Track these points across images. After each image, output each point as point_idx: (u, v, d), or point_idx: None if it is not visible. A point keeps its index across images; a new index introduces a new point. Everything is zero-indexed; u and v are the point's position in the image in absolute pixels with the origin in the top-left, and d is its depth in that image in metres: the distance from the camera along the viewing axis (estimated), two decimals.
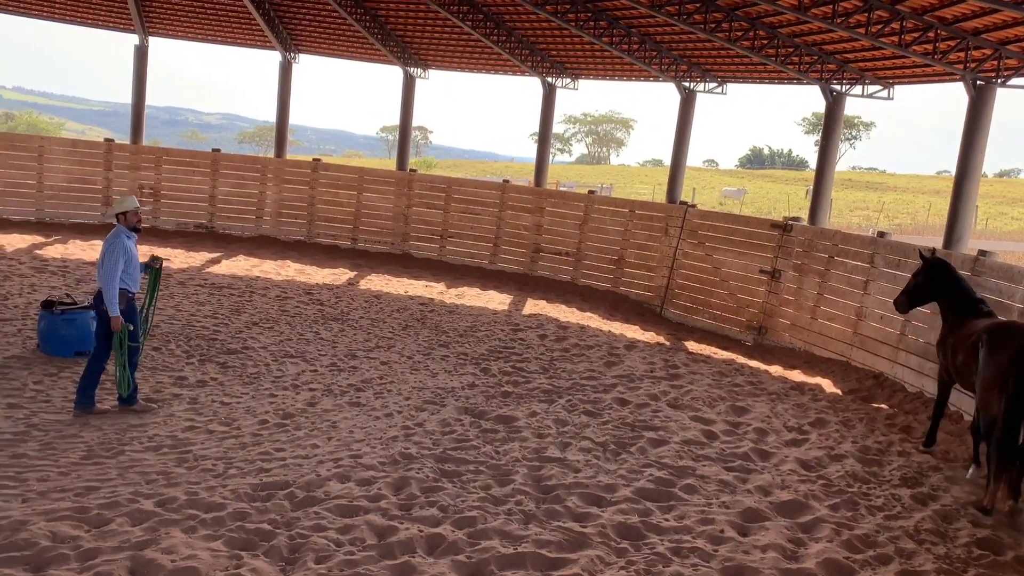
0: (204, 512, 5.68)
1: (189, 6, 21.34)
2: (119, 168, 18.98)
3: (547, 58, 20.68)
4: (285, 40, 21.75)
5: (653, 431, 8.34)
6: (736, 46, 16.19)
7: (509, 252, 18.41)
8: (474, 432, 7.92)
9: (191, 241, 18.09)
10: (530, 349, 11.74)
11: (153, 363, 9.43)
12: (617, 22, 18.00)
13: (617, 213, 17.12)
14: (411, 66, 21.96)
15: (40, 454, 6.57)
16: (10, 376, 8.46)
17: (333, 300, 13.87)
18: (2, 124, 64.47)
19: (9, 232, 16.71)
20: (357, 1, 20.28)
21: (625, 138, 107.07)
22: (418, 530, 5.67)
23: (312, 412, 8.26)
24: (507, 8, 19.14)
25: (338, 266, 17.18)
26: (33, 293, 11.96)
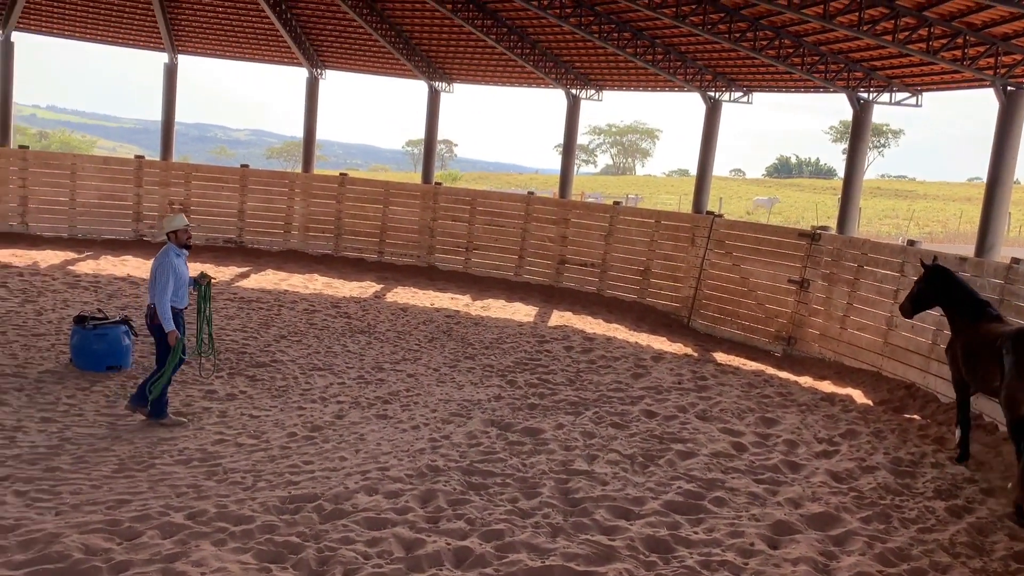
0: (233, 525, 5.72)
1: (217, 25, 21.66)
2: (149, 184, 19.26)
3: (571, 70, 20.72)
4: (312, 56, 21.99)
5: (681, 443, 8.28)
6: (761, 55, 16.13)
7: (534, 264, 18.42)
8: (501, 444, 7.91)
9: (220, 256, 18.28)
10: (556, 361, 11.72)
11: (183, 376, 9.53)
12: (641, 33, 18.00)
13: (643, 224, 17.07)
14: (436, 80, 22.10)
15: (73, 468, 6.65)
16: (44, 390, 8.58)
17: (360, 313, 13.94)
18: (36, 143, 65.68)
19: (43, 248, 17.01)
20: (382, 17, 20.47)
21: (650, 148, 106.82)
22: (446, 543, 5.67)
23: (340, 425, 8.30)
24: (531, 21, 19.22)
25: (365, 279, 17.28)
26: (66, 308, 12.15)
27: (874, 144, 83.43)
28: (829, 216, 38.46)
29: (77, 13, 20.97)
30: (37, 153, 19.82)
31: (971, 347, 8.21)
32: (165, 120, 22.28)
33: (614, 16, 17.67)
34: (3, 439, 7.12)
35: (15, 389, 8.50)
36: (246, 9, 20.85)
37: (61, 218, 18.71)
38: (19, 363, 9.43)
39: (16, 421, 7.59)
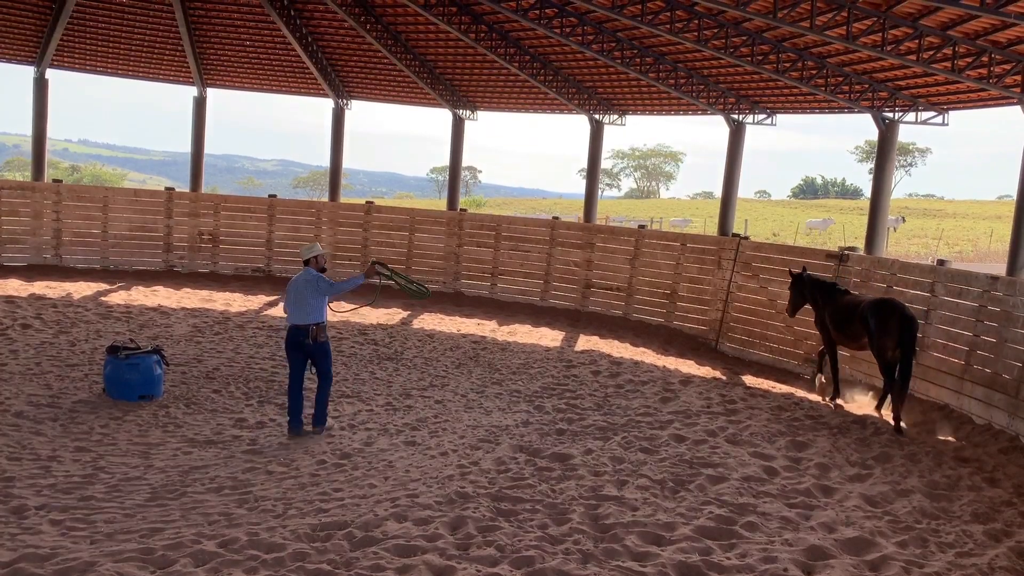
0: (265, 553, 5.75)
1: (245, 58, 22.05)
2: (179, 215, 19.56)
3: (594, 95, 20.83)
4: (337, 87, 22.30)
5: (712, 468, 8.21)
6: (784, 77, 16.12)
7: (560, 288, 18.42)
8: (530, 470, 7.89)
9: (249, 285, 18.49)
10: (584, 386, 11.69)
11: (214, 405, 9.62)
12: (663, 58, 18.08)
13: (668, 247, 17.05)
14: (460, 108, 22.30)
15: (107, 496, 6.73)
16: (78, 420, 8.70)
17: (387, 340, 14.01)
18: (69, 176, 66.96)
19: (76, 280, 17.30)
20: (407, 47, 20.73)
21: (674, 171, 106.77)
22: (476, 570, 5.65)
23: (368, 452, 8.32)
24: (553, 48, 19.38)
25: (391, 306, 17.37)
26: (99, 339, 12.33)
27: (901, 163, 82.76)
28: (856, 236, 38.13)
29: (109, 49, 21.45)
30: (70, 186, 20.23)
31: (839, 315, 11.44)
32: (194, 152, 22.62)
33: (636, 41, 17.76)
34: (39, 468, 7.22)
35: (50, 419, 8.63)
36: (273, 42, 21.22)
37: (94, 250, 19.04)
38: (54, 393, 9.57)
39: (51, 451, 7.70)
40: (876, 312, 10.64)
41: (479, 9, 18.55)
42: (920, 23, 12.97)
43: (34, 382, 9.95)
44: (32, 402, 9.16)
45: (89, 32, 20.58)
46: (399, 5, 19.10)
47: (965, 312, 11.16)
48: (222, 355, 12.06)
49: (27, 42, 20.41)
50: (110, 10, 19.85)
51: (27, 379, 10.04)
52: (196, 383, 10.49)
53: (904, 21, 13.04)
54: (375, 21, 19.98)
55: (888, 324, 10.49)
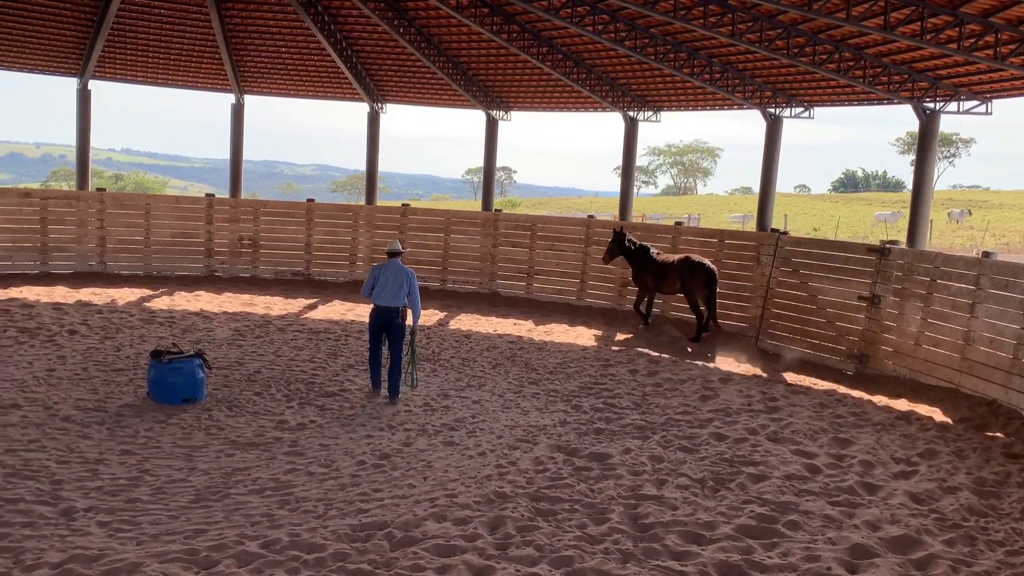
0: (306, 553, 5.81)
1: (281, 65, 22.33)
2: (220, 221, 19.86)
3: (628, 92, 20.74)
4: (372, 91, 22.48)
5: (753, 466, 8.13)
6: (821, 69, 15.90)
7: (596, 287, 18.36)
8: (568, 470, 7.87)
9: (288, 288, 18.71)
10: (621, 384, 11.64)
11: (255, 408, 9.75)
12: (697, 53, 17.93)
13: (706, 243, 16.90)
14: (493, 109, 22.34)
15: (152, 498, 6.85)
16: (123, 423, 8.87)
17: (424, 341, 14.08)
18: (112, 185, 68.32)
19: (120, 286, 17.65)
20: (440, 50, 20.83)
21: (711, 167, 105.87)
22: (515, 570, 5.66)
23: (407, 452, 8.37)
24: (586, 47, 19.33)
25: (428, 307, 17.43)
26: (143, 344, 12.56)
27: (944, 154, 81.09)
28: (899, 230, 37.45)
29: (148, 59, 21.86)
30: (113, 195, 20.63)
31: (657, 272, 15.39)
32: (233, 158, 22.97)
33: (670, 37, 17.63)
34: (86, 471, 7.38)
35: (96, 423, 8.82)
36: (308, 49, 21.46)
37: (137, 256, 19.41)
38: (100, 397, 9.77)
39: (98, 454, 7.86)
40: (689, 269, 14.90)
41: (511, 9, 18.57)
42: (960, 11, 12.71)
43: (81, 387, 10.17)
44: (79, 406, 9.36)
45: (129, 43, 21.00)
46: (432, 8, 19.20)
47: (1012, 305, 10.91)
48: (263, 358, 12.22)
49: (70, 55, 20.88)
50: (149, 21, 20.24)
51: (74, 384, 10.27)
52: (238, 386, 10.63)
53: (944, 9, 12.78)
54: (408, 24, 20.10)
55: (698, 276, 14.83)
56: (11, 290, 16.23)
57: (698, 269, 14.83)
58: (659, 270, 15.39)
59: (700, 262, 14.90)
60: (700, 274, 14.81)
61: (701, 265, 14.84)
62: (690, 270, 14.84)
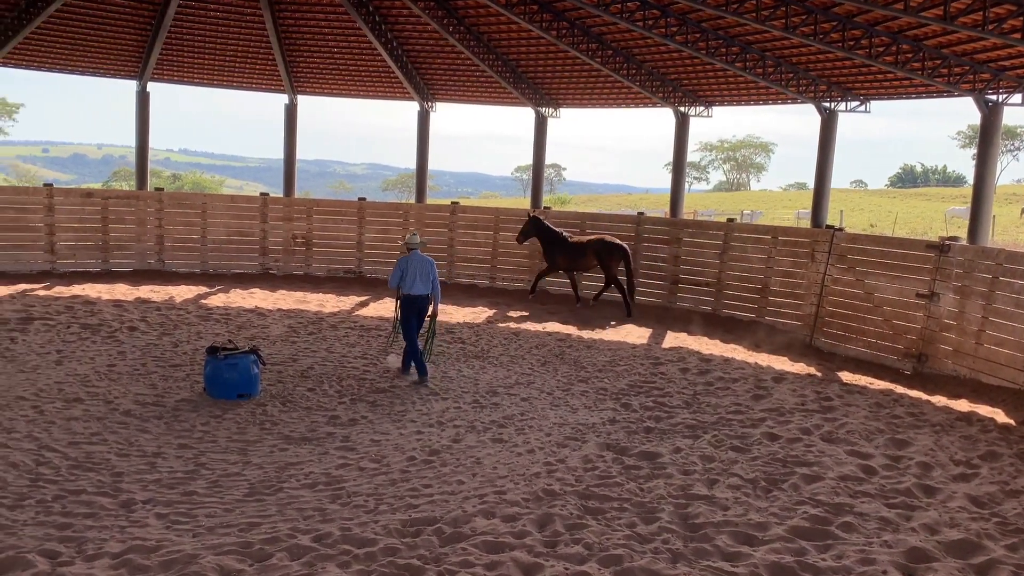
0: (357, 547, 5.88)
1: (333, 65, 22.62)
2: (274, 220, 20.20)
3: (679, 87, 20.53)
4: (422, 90, 22.63)
5: (806, 467, 7.99)
6: (878, 62, 15.54)
7: (646, 284, 18.23)
8: (617, 469, 7.84)
9: (341, 286, 18.95)
10: (672, 383, 11.53)
11: (308, 403, 9.90)
12: (750, 47, 17.67)
13: (759, 240, 16.67)
14: (542, 106, 22.32)
15: (208, 491, 7.00)
16: (180, 418, 9.08)
17: (474, 338, 14.14)
18: (170, 184, 69.90)
19: (178, 284, 18.06)
20: (489, 48, 20.87)
21: (765, 162, 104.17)
22: (564, 568, 5.65)
23: (457, 448, 8.42)
24: (636, 42, 19.19)
25: (477, 305, 17.52)
26: (199, 340, 12.84)
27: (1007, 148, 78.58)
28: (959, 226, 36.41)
29: (205, 61, 22.34)
30: (171, 194, 21.12)
31: (571, 252, 17.17)
32: (287, 158, 23.34)
33: (721, 31, 17.41)
34: (145, 464, 7.57)
35: (155, 417, 9.04)
36: (360, 49, 21.70)
37: (194, 254, 19.85)
38: (158, 392, 10.02)
39: (156, 447, 8.06)
40: (605, 248, 16.89)
41: (560, 6, 18.52)
42: None
43: (140, 382, 10.44)
44: (139, 401, 9.61)
45: (186, 46, 21.47)
46: (481, 6, 19.25)
47: None
48: (316, 354, 12.40)
49: (130, 58, 21.43)
50: (205, 24, 20.66)
51: (134, 379, 10.55)
52: (291, 382, 10.81)
53: None
54: (458, 23, 20.19)
55: (614, 255, 16.88)
56: (74, 287, 16.73)
57: (614, 249, 16.85)
58: (574, 251, 17.21)
59: (614, 242, 16.95)
60: (616, 253, 16.84)
61: (616, 245, 16.89)
62: (606, 250, 16.87)
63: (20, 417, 8.71)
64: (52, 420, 8.69)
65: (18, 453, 7.62)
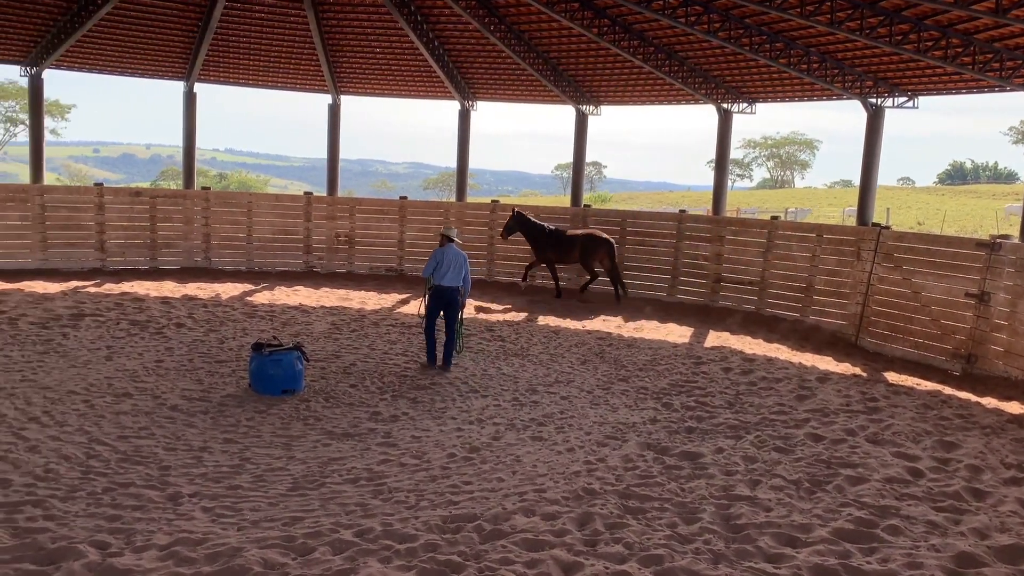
0: (398, 543, 5.93)
1: (376, 65, 22.78)
2: (318, 218, 20.44)
3: (721, 84, 20.32)
4: (463, 89, 22.69)
5: (851, 468, 7.87)
6: (926, 57, 15.21)
7: (688, 283, 18.10)
8: (658, 468, 7.80)
9: (382, 284, 19.10)
10: (714, 383, 11.44)
11: (350, 399, 10.00)
12: (794, 42, 17.42)
13: (804, 238, 16.44)
14: (583, 104, 22.25)
15: (252, 486, 7.11)
16: (226, 413, 9.24)
17: (513, 336, 14.15)
18: (217, 184, 71.06)
19: (224, 281, 18.36)
20: (530, 46, 20.86)
21: (809, 159, 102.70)
22: (604, 567, 5.64)
23: (496, 446, 8.44)
24: (678, 39, 19.03)
25: (517, 302, 17.53)
26: (245, 336, 13.04)
27: None
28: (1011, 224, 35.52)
29: (250, 62, 22.65)
30: (217, 193, 21.47)
31: (562, 245, 17.92)
32: (330, 157, 23.56)
33: (765, 27, 17.19)
34: (191, 458, 7.72)
35: (201, 412, 9.21)
36: (402, 49, 21.83)
37: (240, 252, 20.16)
38: (204, 388, 10.20)
39: (203, 442, 8.21)
40: (591, 241, 17.83)
41: (601, 3, 18.45)
42: None
43: (187, 377, 10.64)
44: (185, 396, 9.80)
45: (232, 47, 21.79)
46: (522, 4, 19.24)
47: None
48: (358, 351, 12.52)
49: (177, 59, 21.82)
50: (250, 25, 20.95)
51: (181, 375, 10.75)
52: (334, 378, 10.93)
53: None
54: (499, 22, 20.21)
55: (600, 248, 17.78)
56: (123, 284, 17.10)
57: (601, 242, 17.79)
58: (562, 244, 18.04)
59: (602, 236, 17.89)
60: (603, 246, 17.77)
61: (603, 239, 17.83)
62: (593, 243, 17.77)
63: (72, 411, 8.94)
64: (102, 414, 8.90)
65: (70, 446, 7.82)
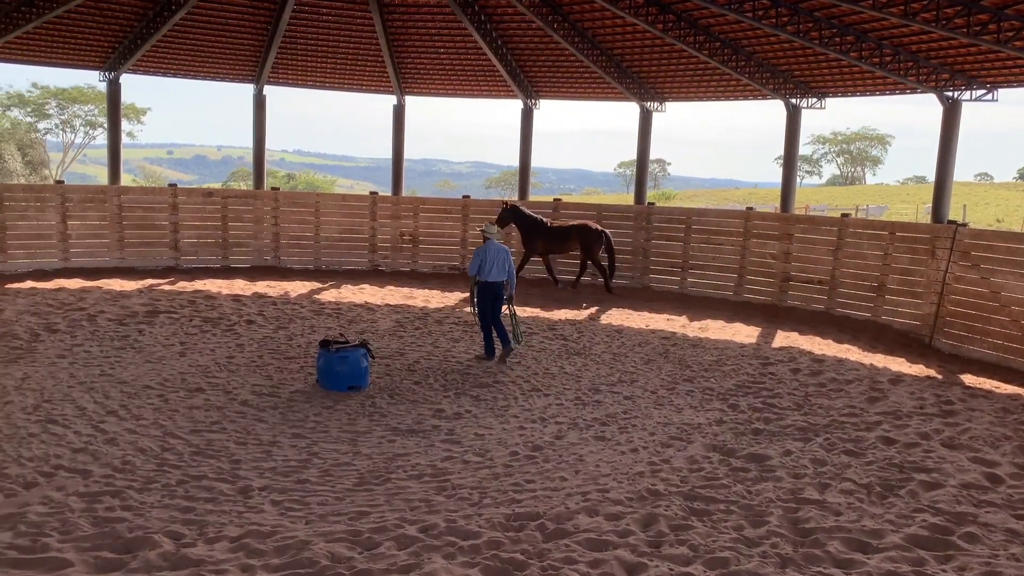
0: (462, 539, 5.97)
1: (440, 65, 22.96)
2: (383, 218, 20.71)
3: (790, 78, 19.91)
4: (526, 88, 22.71)
5: (925, 473, 7.64)
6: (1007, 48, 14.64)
7: (755, 282, 17.79)
8: (724, 470, 7.68)
9: (445, 282, 19.25)
10: (782, 384, 11.22)
11: (415, 396, 10.11)
12: (865, 35, 16.96)
13: (876, 236, 16.01)
14: (647, 100, 22.04)
15: (320, 480, 7.24)
16: (295, 409, 9.43)
17: (575, 335, 14.11)
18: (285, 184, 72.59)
19: (292, 279, 18.75)
20: (594, 43, 20.77)
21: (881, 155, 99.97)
22: (668, 568, 5.59)
23: (559, 445, 8.43)
24: (745, 33, 18.71)
25: (579, 301, 17.47)
26: (312, 333, 13.29)
27: None
28: None
29: (317, 65, 23.06)
30: (286, 193, 21.92)
31: (556, 237, 18.27)
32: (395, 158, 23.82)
33: (835, 20, 16.77)
34: (261, 453, 7.90)
35: (271, 407, 9.42)
36: (465, 49, 21.96)
37: (307, 251, 20.56)
38: (274, 384, 10.43)
39: (272, 436, 8.40)
40: (588, 232, 18.09)
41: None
42: None
43: (257, 373, 10.89)
44: (256, 391, 10.03)
45: (300, 49, 22.21)
46: (586, 1, 19.17)
47: None
48: (422, 349, 12.64)
49: (247, 62, 22.34)
50: (317, 28, 21.33)
51: (251, 370, 11.01)
52: (399, 375, 11.06)
53: None
54: (562, 20, 20.17)
55: (598, 240, 18.06)
56: (196, 282, 17.60)
57: (598, 234, 18.14)
58: (555, 236, 18.37)
59: (597, 228, 18.21)
60: (600, 237, 18.17)
61: (599, 231, 18.15)
62: (588, 235, 18.11)
63: (147, 405, 9.24)
64: (176, 408, 9.18)
65: (145, 439, 8.08)
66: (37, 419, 8.51)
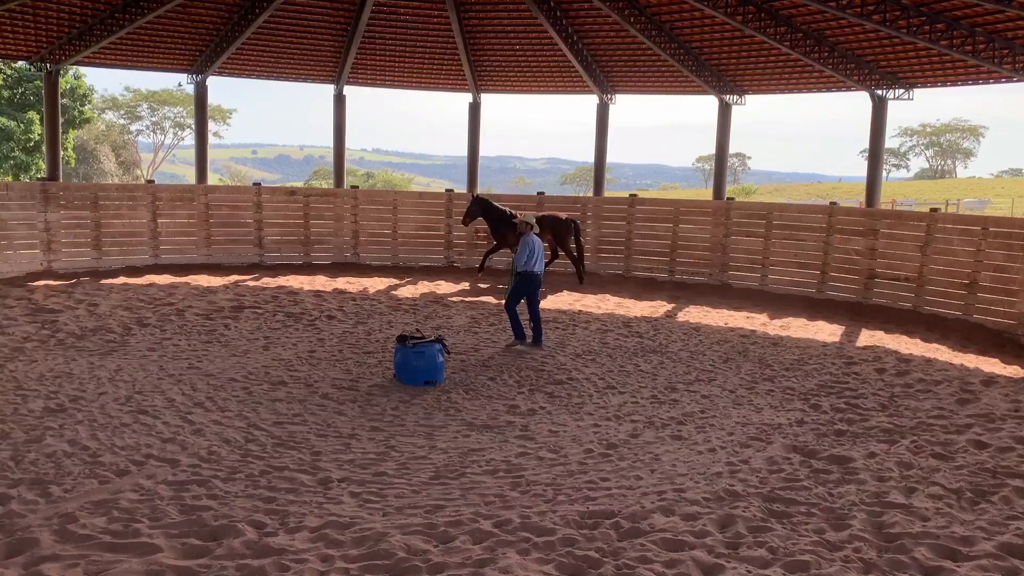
0: (536, 535, 5.98)
1: (515, 62, 23.02)
2: (457, 215, 20.87)
3: (875, 69, 19.27)
4: (602, 83, 22.57)
5: (1020, 479, 7.30)
6: None
7: (839, 279, 17.30)
8: (804, 472, 7.50)
9: None
10: (866, 384, 10.88)
11: (489, 392, 10.17)
12: (957, 23, 16.29)
13: (967, 232, 15.37)
14: (726, 93, 21.65)
15: (397, 473, 7.34)
16: (373, 402, 9.59)
17: (651, 332, 13.97)
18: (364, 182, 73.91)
19: (371, 276, 19.08)
20: (671, 36, 20.50)
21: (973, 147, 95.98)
22: (746, 570, 5.48)
23: (635, 443, 8.35)
24: (827, 23, 18.19)
25: (655, 298, 17.29)
26: (390, 329, 13.50)
27: None
28: None
29: (395, 65, 23.40)
30: (365, 191, 22.32)
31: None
32: (471, 155, 24.00)
33: (924, 8, 16.16)
34: (340, 445, 8.06)
35: (350, 401, 9.60)
36: (541, 45, 21.95)
37: (386, 248, 20.89)
38: (353, 378, 10.63)
39: (351, 429, 8.56)
40: (557, 222, 18.28)
41: None
42: None
43: (337, 367, 11.12)
44: (336, 385, 10.24)
45: (378, 50, 22.57)
46: None
47: None
48: (496, 345, 12.70)
49: (327, 63, 22.82)
50: (395, 28, 21.63)
51: (332, 364, 11.25)
52: (474, 371, 11.14)
53: None
54: (639, 13, 19.97)
55: (567, 229, 18.26)
56: (279, 279, 18.08)
57: (568, 224, 18.35)
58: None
59: (567, 218, 18.51)
60: (570, 228, 18.34)
61: (568, 220, 18.43)
62: (557, 225, 18.29)
63: (232, 397, 9.53)
64: (259, 401, 9.44)
65: (231, 430, 8.33)
66: (129, 410, 8.87)
